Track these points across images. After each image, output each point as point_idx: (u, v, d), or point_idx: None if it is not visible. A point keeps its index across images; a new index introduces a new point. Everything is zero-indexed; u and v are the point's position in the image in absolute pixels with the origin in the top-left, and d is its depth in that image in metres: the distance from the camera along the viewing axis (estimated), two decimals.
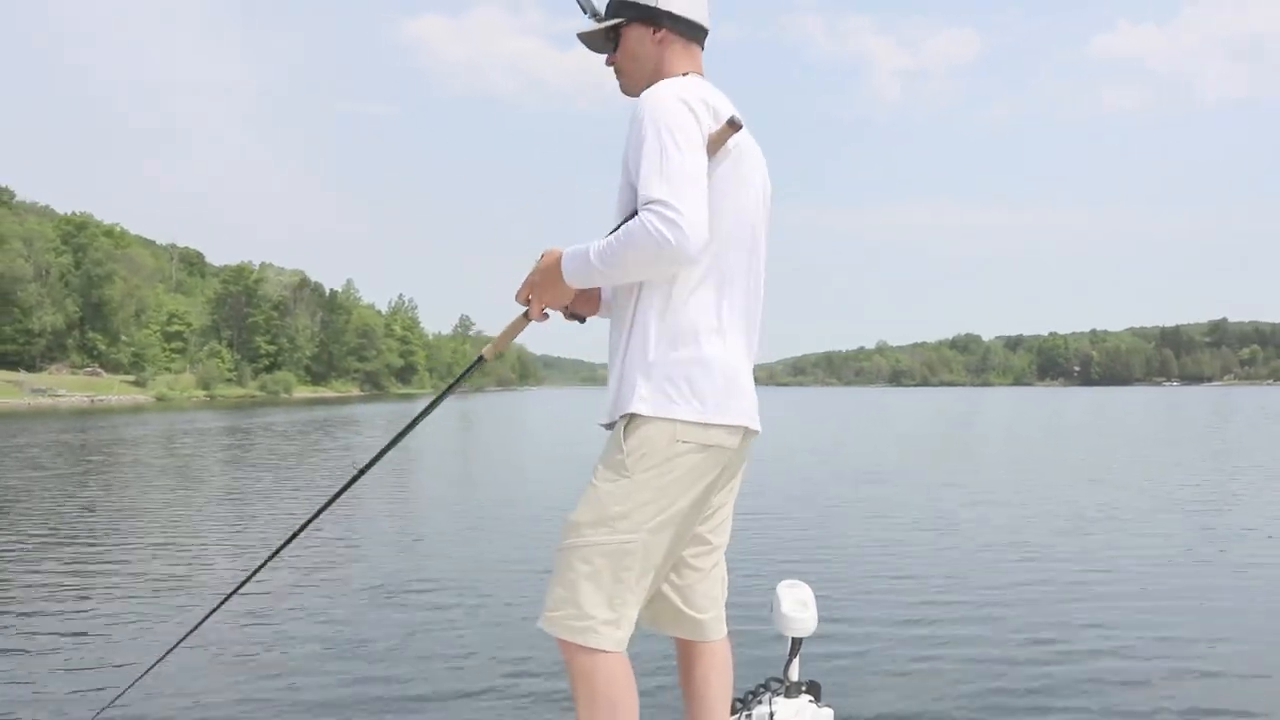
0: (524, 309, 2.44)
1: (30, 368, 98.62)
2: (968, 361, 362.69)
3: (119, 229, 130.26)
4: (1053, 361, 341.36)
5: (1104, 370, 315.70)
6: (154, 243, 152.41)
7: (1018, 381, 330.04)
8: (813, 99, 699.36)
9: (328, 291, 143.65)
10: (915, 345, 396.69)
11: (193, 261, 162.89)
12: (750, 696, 3.10)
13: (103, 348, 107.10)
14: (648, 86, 2.33)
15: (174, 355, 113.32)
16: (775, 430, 35.45)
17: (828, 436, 33.26)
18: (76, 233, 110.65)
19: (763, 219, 2.47)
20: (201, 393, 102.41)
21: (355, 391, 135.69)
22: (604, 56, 2.54)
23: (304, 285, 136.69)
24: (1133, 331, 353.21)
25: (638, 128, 2.22)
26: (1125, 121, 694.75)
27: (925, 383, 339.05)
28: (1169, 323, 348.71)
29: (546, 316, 2.45)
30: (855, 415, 56.29)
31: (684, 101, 2.23)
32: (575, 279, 2.28)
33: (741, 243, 2.37)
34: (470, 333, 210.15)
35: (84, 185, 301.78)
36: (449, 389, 2.71)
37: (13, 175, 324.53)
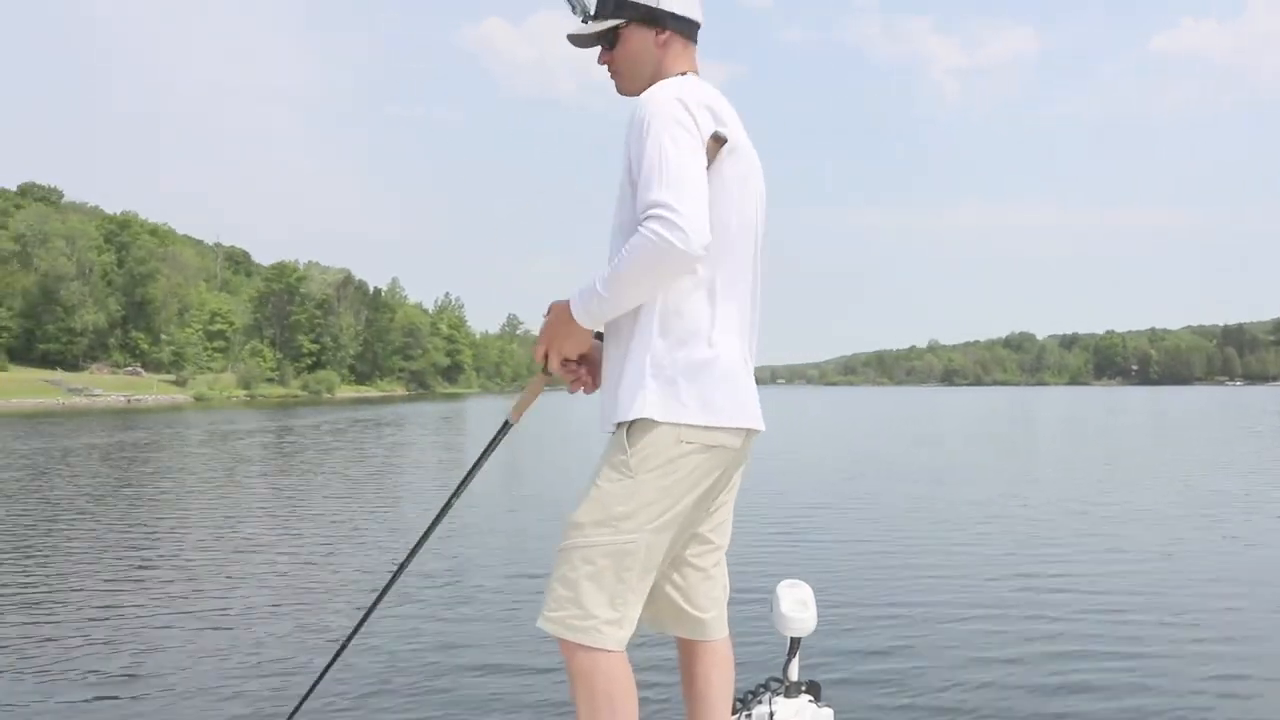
0: (542, 367, 2.41)
1: (73, 367, 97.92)
2: (1022, 360, 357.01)
3: (165, 228, 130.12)
4: (1110, 360, 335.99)
5: (1163, 369, 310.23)
6: (201, 242, 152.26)
7: (1074, 381, 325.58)
8: (870, 99, 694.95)
9: (371, 289, 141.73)
10: (968, 344, 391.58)
11: (239, 260, 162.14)
12: (750, 696, 3.09)
13: (145, 347, 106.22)
14: (647, 87, 2.32)
15: (216, 354, 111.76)
16: (795, 430, 36.52)
17: (854, 436, 33.64)
18: (120, 231, 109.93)
19: (761, 221, 2.46)
20: (242, 392, 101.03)
21: (400, 391, 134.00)
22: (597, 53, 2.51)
23: (348, 283, 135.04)
24: (1192, 330, 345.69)
25: (639, 129, 2.22)
26: (1186, 118, 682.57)
27: (978, 382, 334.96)
28: (1231, 321, 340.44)
29: (568, 370, 2.43)
30: (892, 415, 56.33)
31: (684, 103, 2.23)
32: (588, 317, 2.26)
33: (741, 245, 2.37)
34: (518, 332, 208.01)
35: (136, 188, 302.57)
36: (482, 457, 2.58)
37: (63, 177, 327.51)
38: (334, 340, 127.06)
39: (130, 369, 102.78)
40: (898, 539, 10.92)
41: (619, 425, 2.29)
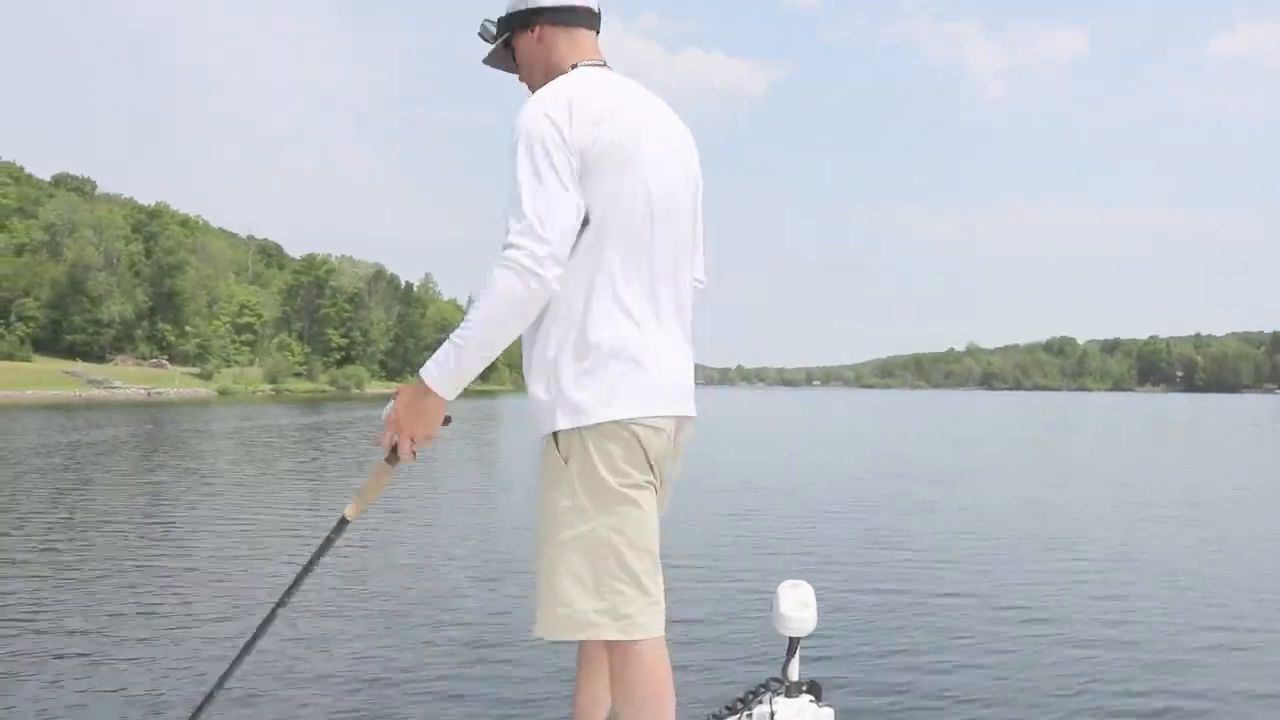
0: (385, 456, 2.32)
1: (99, 359, 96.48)
2: (1063, 365, 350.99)
3: (200, 220, 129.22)
4: (1153, 366, 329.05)
5: (1209, 376, 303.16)
6: (235, 235, 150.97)
7: (1116, 386, 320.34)
8: (916, 100, 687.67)
9: (403, 284, 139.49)
10: (1006, 347, 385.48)
11: (271, 253, 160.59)
12: (750, 696, 3.11)
13: (172, 339, 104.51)
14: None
15: (243, 348, 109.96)
16: (814, 432, 36.85)
17: (876, 438, 33.78)
18: (149, 221, 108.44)
19: (683, 197, 2.43)
20: (268, 387, 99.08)
21: None
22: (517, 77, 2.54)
23: (379, 278, 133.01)
24: (1238, 336, 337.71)
25: (509, 151, 2.22)
26: (1234, 121, 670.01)
27: (1018, 386, 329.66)
28: None
29: (415, 456, 2.31)
30: (926, 418, 56.34)
31: (543, 113, 2.21)
32: (450, 380, 2.20)
33: (648, 228, 2.31)
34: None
35: (175, 183, 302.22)
36: (317, 555, 2.47)
37: (100, 169, 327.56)
38: (364, 335, 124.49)
39: (155, 361, 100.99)
40: (898, 539, 10.99)
41: (543, 437, 2.31)
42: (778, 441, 33.05)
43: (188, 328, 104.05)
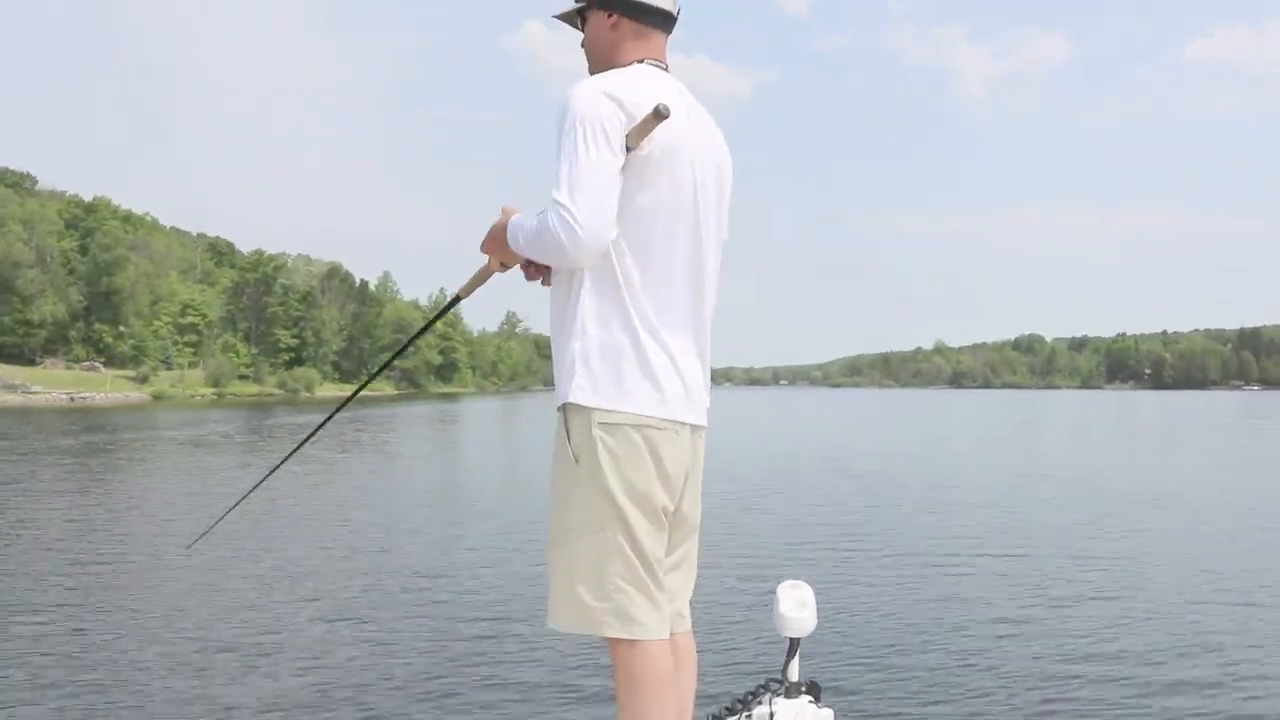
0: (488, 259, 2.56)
1: (30, 362, 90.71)
2: (1032, 363, 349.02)
3: (148, 217, 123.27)
4: (1122, 364, 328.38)
5: (1178, 373, 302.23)
6: (185, 233, 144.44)
7: (1085, 384, 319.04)
8: (896, 104, 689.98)
9: (358, 282, 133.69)
10: (975, 346, 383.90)
11: (223, 251, 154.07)
12: (750, 697, 3.11)
13: (110, 340, 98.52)
14: (604, 72, 2.38)
15: (186, 349, 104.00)
16: (798, 432, 37.54)
17: (857, 438, 34.38)
18: (85, 216, 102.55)
19: (712, 207, 2.45)
20: (210, 390, 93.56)
21: (389, 390, 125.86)
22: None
23: (334, 275, 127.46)
24: (1204, 333, 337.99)
25: (559, 123, 2.26)
26: (1209, 123, 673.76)
27: (987, 385, 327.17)
28: (1243, 324, 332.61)
29: (507, 268, 2.53)
30: (899, 417, 57.00)
31: (607, 95, 2.25)
32: (508, 246, 2.40)
33: (676, 233, 2.36)
34: (518, 330, 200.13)
35: (156, 188, 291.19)
36: (416, 335, 3.00)
37: (100, 174, 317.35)
38: (316, 335, 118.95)
39: (88, 364, 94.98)
40: (897, 540, 11.18)
41: (559, 410, 2.34)
42: (777, 442, 33.14)
43: (122, 328, 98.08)
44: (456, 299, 2.68)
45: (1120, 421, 52.25)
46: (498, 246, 2.44)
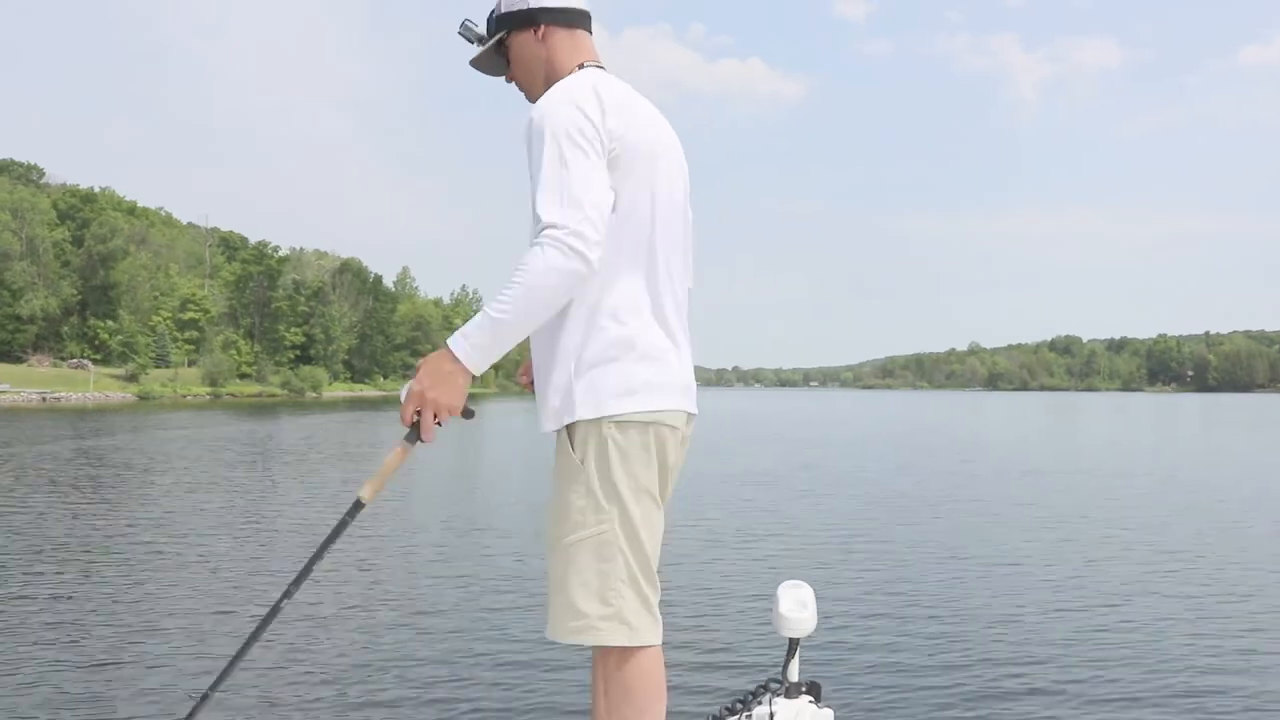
0: (406, 435, 2.24)
1: (18, 359, 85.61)
2: (1070, 365, 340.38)
3: (161, 211, 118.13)
4: (1163, 365, 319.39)
5: (1222, 375, 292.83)
6: (196, 227, 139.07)
7: (1125, 386, 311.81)
8: (953, 110, 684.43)
9: (373, 277, 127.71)
10: (1010, 347, 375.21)
11: (236, 246, 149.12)
12: (750, 697, 3.10)
13: (105, 337, 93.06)
14: (545, 89, 2.32)
15: (187, 346, 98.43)
16: (807, 433, 36.62)
17: (869, 440, 33.55)
18: (82, 206, 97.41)
19: (680, 199, 2.44)
20: (206, 390, 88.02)
21: (399, 389, 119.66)
22: (503, 79, 2.54)
23: (346, 270, 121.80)
24: (1247, 335, 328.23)
25: (530, 142, 2.22)
26: (1256, 129, 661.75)
27: (1025, 386, 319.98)
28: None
29: (433, 436, 2.26)
30: (930, 419, 55.50)
31: (573, 103, 2.21)
32: (480, 356, 2.14)
33: (654, 227, 2.34)
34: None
35: (172, 186, 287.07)
36: (330, 539, 2.44)
37: (106, 171, 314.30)
38: (325, 333, 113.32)
39: (75, 361, 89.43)
40: (898, 540, 11.05)
41: (557, 431, 2.28)
42: (777, 442, 31.80)
43: (109, 323, 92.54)
44: (359, 504, 2.31)
45: (1162, 422, 52.22)
46: (439, 391, 2.11)
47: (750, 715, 2.96)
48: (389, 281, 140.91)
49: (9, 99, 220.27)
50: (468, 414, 2.22)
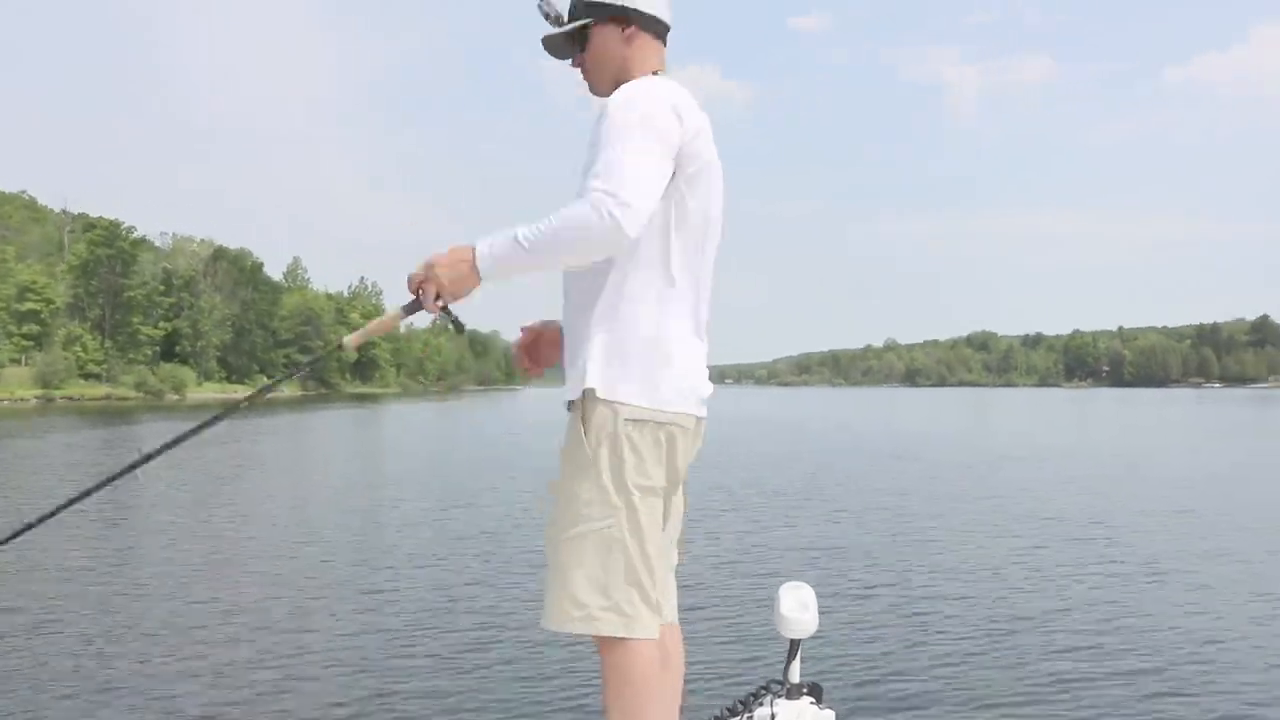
0: (406, 304, 2.34)
1: None
2: (988, 360, 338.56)
3: (24, 195, 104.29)
4: (1080, 361, 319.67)
5: (1138, 370, 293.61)
6: (60, 213, 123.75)
7: (1043, 382, 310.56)
8: (882, 118, 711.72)
9: (250, 264, 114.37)
10: (927, 343, 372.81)
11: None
12: (751, 698, 3.11)
13: None
14: (615, 85, 2.37)
15: (24, 342, 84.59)
16: (796, 430, 38.26)
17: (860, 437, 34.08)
18: None
19: (720, 214, 2.51)
20: (36, 392, 75.12)
21: (295, 391, 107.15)
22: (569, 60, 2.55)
23: (220, 258, 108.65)
24: (1161, 330, 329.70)
25: (606, 122, 2.25)
26: (1182, 139, 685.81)
27: (942, 382, 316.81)
28: (1199, 321, 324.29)
29: (440, 309, 2.32)
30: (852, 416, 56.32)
31: (667, 102, 2.29)
32: (494, 265, 2.24)
33: (701, 236, 2.41)
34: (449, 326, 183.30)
35: (137, 199, 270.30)
36: (272, 385, 2.49)
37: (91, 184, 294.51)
38: (193, 327, 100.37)
39: None
40: (898, 541, 11.02)
41: (572, 403, 2.33)
42: (776, 443, 31.10)
43: None
44: (340, 347, 2.44)
45: (1090, 419, 54.16)
46: (450, 276, 2.23)
47: (751, 716, 2.95)
48: (276, 272, 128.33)
49: None
50: (459, 327, 2.34)
